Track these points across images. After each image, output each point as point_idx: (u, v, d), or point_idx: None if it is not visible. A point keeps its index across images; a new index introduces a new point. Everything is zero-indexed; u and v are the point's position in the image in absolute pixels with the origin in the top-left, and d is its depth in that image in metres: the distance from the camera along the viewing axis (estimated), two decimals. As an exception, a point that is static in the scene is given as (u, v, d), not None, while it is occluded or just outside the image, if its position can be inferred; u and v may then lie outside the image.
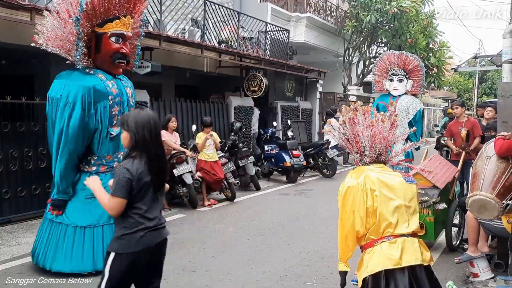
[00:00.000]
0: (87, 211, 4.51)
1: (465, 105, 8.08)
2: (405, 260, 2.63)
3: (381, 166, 2.89)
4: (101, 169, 4.63)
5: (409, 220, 2.75)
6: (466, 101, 31.82)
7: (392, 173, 2.88)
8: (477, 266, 4.44)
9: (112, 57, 4.62)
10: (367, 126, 2.90)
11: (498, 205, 3.71)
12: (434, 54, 16.91)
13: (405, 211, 2.74)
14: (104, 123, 4.58)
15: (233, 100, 11.31)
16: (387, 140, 2.92)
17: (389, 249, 2.65)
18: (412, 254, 2.65)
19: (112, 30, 4.56)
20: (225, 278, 4.61)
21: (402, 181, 2.82)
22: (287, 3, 15.57)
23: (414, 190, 2.86)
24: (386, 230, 2.69)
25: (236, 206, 8.04)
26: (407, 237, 2.69)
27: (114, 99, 4.61)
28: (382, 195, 2.72)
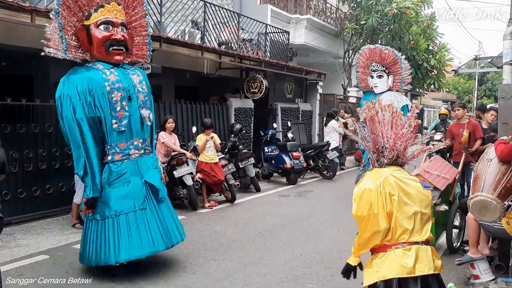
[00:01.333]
0: (115, 199, 4.57)
1: (466, 107, 8.03)
2: (419, 269, 2.60)
3: (398, 169, 2.83)
4: (116, 157, 4.64)
5: (423, 227, 2.72)
6: (466, 103, 31.83)
7: (410, 177, 2.81)
8: (478, 267, 4.43)
9: (105, 45, 4.60)
10: (388, 126, 2.83)
11: (500, 206, 3.71)
12: (434, 56, 16.92)
13: (420, 218, 2.71)
14: (106, 110, 4.56)
15: (233, 101, 11.31)
16: (407, 142, 2.85)
17: (403, 257, 2.62)
18: (426, 263, 2.63)
19: (98, 19, 4.57)
20: (225, 280, 4.60)
21: (420, 186, 2.78)
22: (287, 5, 15.58)
23: (430, 197, 2.82)
24: (401, 237, 2.66)
25: (236, 207, 8.03)
26: (421, 245, 2.67)
27: (113, 85, 4.58)
28: (400, 201, 2.67)
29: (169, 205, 5.00)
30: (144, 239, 4.53)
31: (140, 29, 5.10)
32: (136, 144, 4.76)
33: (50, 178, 6.86)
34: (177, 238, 4.85)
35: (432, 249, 2.73)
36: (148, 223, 4.62)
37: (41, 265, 4.84)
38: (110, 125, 4.58)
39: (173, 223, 4.88)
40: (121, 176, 4.61)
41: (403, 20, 15.04)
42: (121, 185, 4.59)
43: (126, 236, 4.48)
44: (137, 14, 5.03)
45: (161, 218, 4.74)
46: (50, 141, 6.88)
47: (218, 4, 11.38)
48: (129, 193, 4.61)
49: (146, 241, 4.53)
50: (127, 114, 4.65)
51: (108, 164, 4.61)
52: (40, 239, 5.79)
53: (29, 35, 6.66)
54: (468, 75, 39.28)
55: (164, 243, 4.66)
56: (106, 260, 4.45)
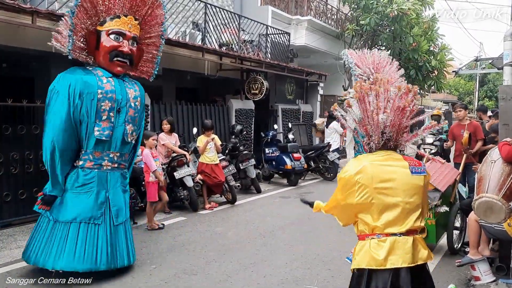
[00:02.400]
0: (73, 205, 4.53)
1: (468, 108, 7.99)
2: (390, 261, 2.54)
3: (387, 154, 2.69)
4: (87, 164, 4.62)
5: (407, 217, 2.60)
6: (467, 104, 31.79)
7: (397, 163, 2.65)
8: (478, 269, 4.43)
9: (110, 54, 4.63)
10: (379, 109, 2.67)
11: (505, 207, 3.70)
12: (435, 57, 16.91)
13: (402, 208, 2.59)
14: (91, 117, 4.55)
15: (234, 103, 11.32)
16: (401, 126, 2.71)
17: (376, 248, 2.57)
18: (400, 256, 2.54)
19: (111, 28, 4.61)
20: (226, 281, 4.60)
21: (406, 173, 2.63)
22: (288, 6, 15.58)
23: (420, 183, 2.65)
24: (378, 227, 2.59)
25: (237, 209, 8.03)
26: (399, 236, 2.57)
27: (105, 94, 4.58)
28: (377, 191, 2.58)
29: (127, 227, 4.90)
30: (88, 254, 4.45)
31: (152, 47, 5.12)
32: (112, 157, 4.74)
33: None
34: (123, 261, 4.70)
35: (416, 238, 2.62)
36: (97, 239, 4.53)
37: (42, 266, 4.84)
38: (92, 131, 4.58)
39: (125, 246, 4.76)
40: (86, 184, 4.60)
41: (403, 22, 15.03)
42: (83, 193, 4.58)
43: (72, 245, 4.43)
44: (152, 32, 5.06)
45: (113, 238, 4.63)
46: (51, 142, 6.88)
47: (218, 5, 11.39)
48: (89, 204, 4.56)
49: (89, 257, 4.45)
50: (111, 125, 4.65)
51: (78, 169, 4.61)
52: (41, 240, 5.78)
53: (30, 37, 6.67)
54: (469, 76, 39.26)
55: (107, 263, 4.54)
56: (44, 262, 4.43)
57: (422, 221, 2.70)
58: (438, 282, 4.66)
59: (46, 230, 4.54)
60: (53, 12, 6.41)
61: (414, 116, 2.78)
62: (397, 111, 2.67)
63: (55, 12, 6.46)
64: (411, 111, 2.73)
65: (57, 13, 6.43)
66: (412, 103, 2.72)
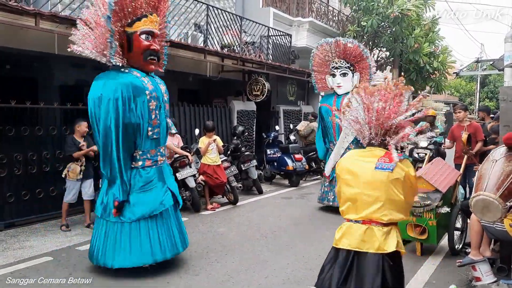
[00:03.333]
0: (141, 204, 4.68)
1: (468, 109, 7.97)
2: (342, 243, 2.95)
3: (369, 150, 3.06)
4: (147, 163, 4.78)
5: (364, 207, 2.92)
6: (468, 105, 31.79)
7: (369, 159, 2.99)
8: (479, 270, 4.43)
9: (144, 54, 4.73)
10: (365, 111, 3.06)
11: (502, 206, 3.72)
12: (436, 58, 16.92)
13: (360, 199, 2.94)
14: (145, 118, 4.69)
15: (236, 104, 11.35)
16: (382, 126, 3.02)
17: (339, 230, 3.02)
18: (350, 240, 2.93)
19: (141, 28, 4.69)
20: (228, 282, 4.62)
21: (370, 168, 2.94)
22: (289, 8, 15.60)
23: (382, 178, 2.90)
24: (343, 212, 3.05)
25: (239, 209, 8.05)
26: (354, 223, 2.95)
27: (151, 94, 4.73)
28: (344, 182, 3.03)
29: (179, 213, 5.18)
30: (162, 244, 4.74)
31: (161, 38, 5.18)
32: (162, 152, 4.97)
33: (53, 180, 6.89)
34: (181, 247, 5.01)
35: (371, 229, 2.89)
36: (169, 228, 4.83)
37: (45, 267, 4.87)
38: (146, 132, 4.71)
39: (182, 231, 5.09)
40: (150, 182, 4.76)
41: (404, 23, 15.05)
42: (148, 190, 4.72)
43: (146, 240, 4.65)
44: (161, 24, 5.12)
45: (177, 224, 4.94)
46: (54, 143, 6.93)
47: (220, 7, 11.42)
48: (156, 199, 4.74)
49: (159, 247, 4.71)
50: (158, 123, 4.83)
51: (138, 170, 4.74)
52: (44, 241, 5.82)
53: (33, 38, 6.71)
54: (470, 77, 39.21)
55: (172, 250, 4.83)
56: (121, 262, 4.59)
57: (386, 216, 2.91)
58: (439, 282, 4.70)
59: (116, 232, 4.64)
60: (56, 14, 6.44)
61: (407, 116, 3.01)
62: (377, 112, 3.00)
63: (58, 14, 6.49)
64: (393, 111, 2.98)
65: (60, 15, 6.47)
66: (392, 102, 2.99)
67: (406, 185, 2.94)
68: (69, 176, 6.31)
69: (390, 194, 2.89)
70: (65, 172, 6.33)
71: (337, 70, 7.21)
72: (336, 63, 7.19)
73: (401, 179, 2.90)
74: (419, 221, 5.26)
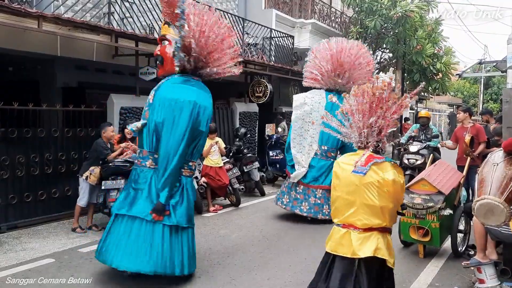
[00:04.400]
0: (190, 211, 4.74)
1: (471, 112, 7.88)
2: (328, 246, 3.07)
3: (356, 154, 3.13)
4: (196, 173, 4.81)
5: (344, 211, 2.98)
6: (471, 106, 31.67)
7: (349, 163, 3.06)
8: (484, 272, 4.41)
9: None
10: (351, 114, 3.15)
11: (507, 210, 3.70)
12: (439, 60, 16.88)
13: (341, 202, 3.01)
14: (207, 128, 4.72)
15: (238, 106, 11.34)
16: (364, 125, 3.07)
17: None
18: (330, 242, 3.05)
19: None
20: (230, 284, 4.61)
21: (349, 171, 3.00)
22: (292, 9, 15.61)
23: (355, 182, 2.93)
24: (332, 216, 3.16)
25: (241, 211, 8.04)
26: (336, 227, 3.07)
27: None
28: (332, 185, 3.13)
29: None
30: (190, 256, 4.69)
31: None
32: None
33: (56, 182, 6.91)
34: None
35: (349, 233, 2.96)
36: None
37: (47, 269, 4.87)
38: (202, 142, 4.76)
39: None
40: (193, 191, 4.82)
41: (407, 24, 15.03)
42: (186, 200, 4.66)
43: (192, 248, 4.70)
44: None
45: None
46: (56, 145, 6.94)
47: (223, 9, 11.43)
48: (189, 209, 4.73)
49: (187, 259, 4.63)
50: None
51: (192, 179, 4.78)
52: (46, 243, 5.83)
53: (36, 40, 6.73)
54: (474, 79, 39.12)
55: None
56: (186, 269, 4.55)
57: (361, 220, 2.93)
58: (442, 285, 4.67)
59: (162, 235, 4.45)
60: (59, 16, 6.46)
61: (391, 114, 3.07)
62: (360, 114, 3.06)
63: (60, 16, 6.51)
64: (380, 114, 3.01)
65: (62, 17, 6.48)
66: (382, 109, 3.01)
67: (381, 190, 2.89)
68: (90, 179, 6.27)
69: (363, 198, 2.90)
70: (86, 174, 6.27)
71: None
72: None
73: (375, 183, 2.86)
74: (422, 223, 5.24)
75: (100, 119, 7.51)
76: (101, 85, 9.25)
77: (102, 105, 7.81)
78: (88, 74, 9.09)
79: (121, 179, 6.22)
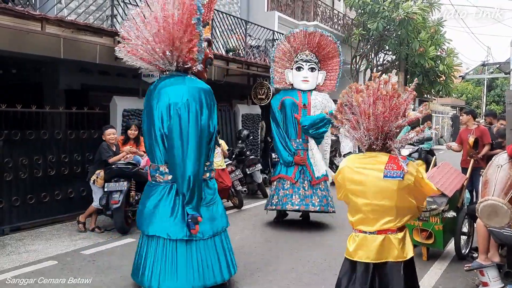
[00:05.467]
0: (210, 219, 4.30)
1: (475, 114, 7.85)
2: (358, 255, 2.85)
3: (370, 156, 2.89)
4: (212, 174, 4.49)
5: (377, 218, 2.81)
6: (475, 108, 31.61)
7: (373, 166, 2.83)
8: (487, 275, 4.39)
9: (206, 62, 4.51)
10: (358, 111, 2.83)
11: (510, 211, 3.69)
12: (442, 62, 16.87)
13: (372, 209, 2.81)
14: (216, 127, 4.47)
15: (241, 108, 11.35)
16: (383, 130, 2.81)
17: (351, 241, 2.92)
18: (366, 252, 2.82)
19: (206, 35, 4.43)
20: (232, 286, 4.59)
21: (378, 177, 2.79)
22: (294, 11, 15.63)
23: (392, 187, 2.77)
24: (354, 223, 2.92)
25: (244, 213, 8.03)
26: (369, 235, 2.83)
27: None
28: (350, 192, 2.90)
29: None
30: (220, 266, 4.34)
31: None
32: None
33: (59, 184, 6.92)
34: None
35: (388, 238, 2.80)
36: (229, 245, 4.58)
37: (50, 271, 4.87)
38: (214, 142, 4.50)
39: None
40: (215, 194, 4.47)
41: (410, 26, 15.03)
42: (212, 204, 4.39)
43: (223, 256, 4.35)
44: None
45: None
46: (59, 147, 6.95)
47: (225, 11, 11.45)
48: (219, 214, 4.43)
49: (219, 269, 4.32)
50: None
51: (206, 181, 4.37)
52: (49, 245, 5.83)
53: (39, 43, 6.74)
54: (477, 81, 39.06)
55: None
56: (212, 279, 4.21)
57: (400, 222, 2.84)
58: (446, 287, 4.65)
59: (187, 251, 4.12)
60: (62, 18, 6.48)
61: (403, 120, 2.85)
62: (375, 115, 2.79)
63: (64, 18, 6.53)
64: (395, 113, 2.81)
65: (66, 20, 6.51)
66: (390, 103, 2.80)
67: (417, 190, 2.85)
68: (97, 182, 6.30)
69: (402, 201, 2.80)
70: (93, 178, 6.31)
71: (306, 63, 6.55)
72: (307, 56, 6.56)
73: (412, 185, 2.81)
74: (425, 225, 5.22)
75: (103, 121, 7.53)
76: (104, 87, 9.27)
77: (105, 107, 7.83)
78: (91, 76, 9.11)
79: (123, 181, 6.24)
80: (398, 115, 2.82)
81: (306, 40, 6.58)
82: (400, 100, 2.81)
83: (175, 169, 4.07)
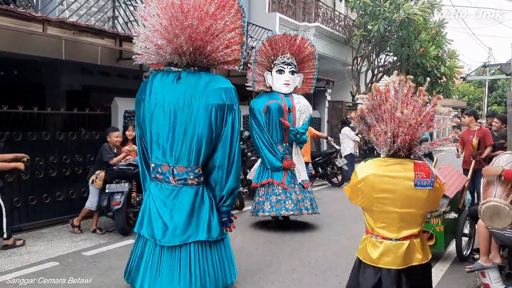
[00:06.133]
0: None
1: (477, 115, 7.85)
2: (382, 262, 2.78)
3: (396, 162, 2.78)
4: None
5: (404, 225, 2.77)
6: (476, 110, 31.57)
7: (401, 174, 2.74)
8: (488, 276, 4.39)
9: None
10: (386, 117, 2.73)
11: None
12: (443, 63, 16.85)
13: (400, 217, 2.76)
14: None
15: (242, 109, 11.32)
16: (412, 135, 2.72)
17: (372, 247, 2.83)
18: (392, 259, 2.77)
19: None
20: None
21: (409, 185, 2.72)
22: (296, 12, 15.64)
23: (423, 196, 2.73)
24: (376, 230, 2.82)
25: (244, 215, 8.02)
26: (394, 241, 2.78)
27: None
28: (376, 200, 2.78)
29: None
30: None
31: None
32: None
33: (60, 185, 6.93)
34: None
35: (412, 243, 2.78)
36: None
37: (51, 272, 4.87)
38: None
39: None
40: None
41: (411, 27, 15.03)
42: None
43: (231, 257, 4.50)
44: None
45: None
46: (60, 148, 6.96)
47: (226, 12, 11.45)
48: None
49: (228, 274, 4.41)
50: None
51: None
52: (50, 246, 5.84)
53: (40, 44, 6.77)
54: (478, 82, 39.01)
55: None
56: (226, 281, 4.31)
57: (421, 225, 2.86)
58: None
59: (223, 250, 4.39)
60: (64, 20, 6.51)
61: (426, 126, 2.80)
62: (405, 121, 2.69)
63: (65, 20, 6.55)
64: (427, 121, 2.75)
65: (67, 21, 6.53)
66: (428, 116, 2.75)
67: (438, 194, 2.87)
68: (96, 183, 6.31)
69: (428, 208, 2.84)
70: (92, 178, 6.33)
71: (288, 66, 6.53)
72: (288, 59, 6.52)
73: (438, 191, 2.83)
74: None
75: (104, 122, 7.54)
76: (105, 89, 9.29)
77: (107, 109, 7.84)
78: (93, 77, 9.13)
79: (125, 182, 6.24)
80: (430, 122, 2.78)
81: (288, 43, 6.55)
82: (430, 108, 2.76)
83: (223, 172, 4.15)
